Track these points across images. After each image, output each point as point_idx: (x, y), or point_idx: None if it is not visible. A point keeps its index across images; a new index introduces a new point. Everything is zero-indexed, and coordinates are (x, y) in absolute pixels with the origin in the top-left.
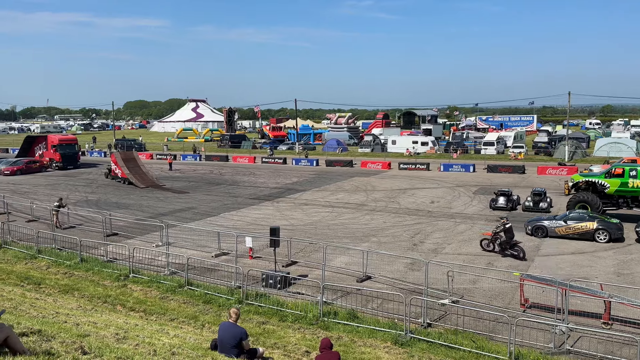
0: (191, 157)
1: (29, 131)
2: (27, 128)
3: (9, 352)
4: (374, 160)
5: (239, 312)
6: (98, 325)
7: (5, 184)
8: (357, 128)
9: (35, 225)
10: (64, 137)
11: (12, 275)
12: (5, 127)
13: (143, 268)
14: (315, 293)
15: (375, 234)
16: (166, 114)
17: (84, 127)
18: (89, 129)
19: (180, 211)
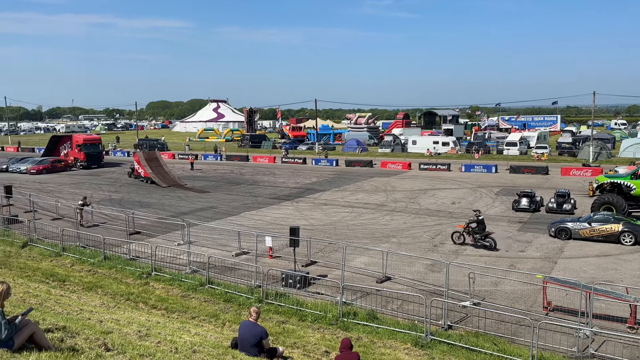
0: (212, 157)
1: (54, 131)
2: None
3: (35, 348)
4: (394, 160)
5: (259, 311)
6: (121, 322)
7: (32, 183)
8: (377, 128)
9: (60, 224)
10: (89, 137)
11: (37, 272)
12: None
13: (165, 266)
14: (335, 293)
15: (395, 234)
16: (188, 114)
17: (108, 127)
18: (112, 129)
19: (202, 210)
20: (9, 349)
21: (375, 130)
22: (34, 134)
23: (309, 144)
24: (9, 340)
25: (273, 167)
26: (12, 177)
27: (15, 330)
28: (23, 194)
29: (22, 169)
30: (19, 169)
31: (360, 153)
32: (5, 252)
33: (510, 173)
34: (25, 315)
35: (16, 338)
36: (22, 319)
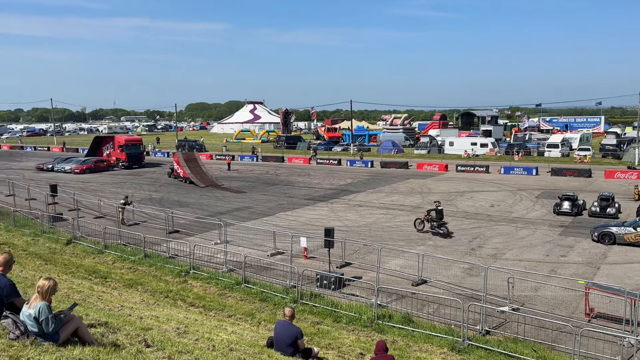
0: (248, 158)
1: (97, 132)
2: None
3: (79, 342)
4: (430, 162)
5: (294, 312)
6: (160, 319)
7: (75, 182)
8: (413, 129)
9: (103, 222)
10: (130, 138)
11: (80, 269)
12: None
13: (202, 265)
14: (370, 295)
15: (431, 237)
16: (225, 116)
17: (148, 128)
18: (153, 130)
19: (238, 210)
20: (55, 342)
21: (411, 132)
22: (78, 134)
23: (344, 145)
24: (55, 334)
25: (308, 168)
26: (57, 176)
27: (60, 325)
28: (67, 192)
29: (67, 168)
30: (63, 169)
31: (395, 154)
32: (50, 249)
33: (552, 176)
34: (71, 311)
35: (61, 332)
36: (67, 314)
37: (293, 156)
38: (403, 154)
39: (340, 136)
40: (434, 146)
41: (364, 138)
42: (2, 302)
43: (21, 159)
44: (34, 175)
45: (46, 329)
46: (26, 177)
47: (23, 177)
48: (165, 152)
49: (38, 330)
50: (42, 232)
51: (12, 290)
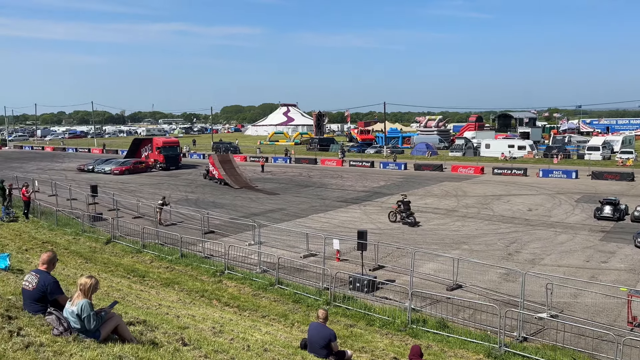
0: (282, 160)
1: (136, 134)
2: (135, 131)
3: (119, 340)
4: (465, 164)
5: (327, 314)
6: (196, 318)
7: (115, 183)
8: (448, 131)
9: (141, 222)
10: (168, 140)
11: (120, 267)
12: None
13: (237, 265)
14: (403, 299)
15: (467, 241)
16: (259, 118)
17: (185, 131)
18: (189, 132)
19: (271, 212)
20: (96, 339)
21: (446, 134)
22: (118, 136)
23: (377, 147)
24: (96, 331)
25: (341, 170)
26: (98, 177)
27: (101, 322)
28: (107, 193)
29: (107, 169)
30: (103, 170)
31: (429, 157)
32: (91, 248)
33: (592, 179)
34: (111, 308)
35: (102, 329)
36: (108, 311)
37: (326, 158)
38: (437, 156)
39: (373, 138)
40: (470, 148)
41: (397, 140)
42: (46, 299)
43: (63, 160)
44: (75, 176)
45: (88, 326)
46: (68, 177)
47: (65, 178)
48: (201, 154)
49: (80, 327)
50: (83, 232)
51: (55, 287)
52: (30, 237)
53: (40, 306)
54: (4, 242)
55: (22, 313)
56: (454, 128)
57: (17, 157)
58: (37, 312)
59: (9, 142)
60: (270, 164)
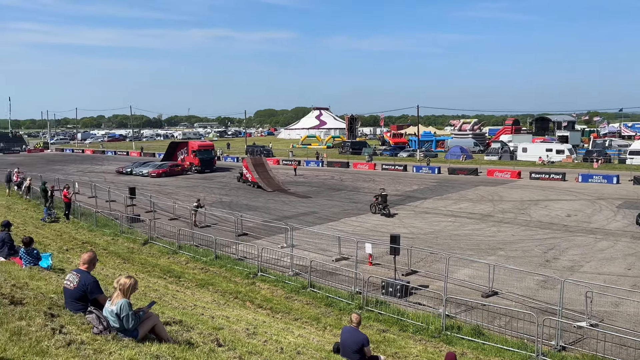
0: (314, 163)
1: (172, 138)
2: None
3: (156, 339)
4: (501, 168)
5: (360, 318)
6: (230, 319)
7: (152, 185)
8: (483, 135)
9: (177, 223)
10: (203, 143)
11: (156, 268)
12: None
13: (269, 267)
14: (437, 305)
15: (503, 247)
16: (292, 122)
17: (220, 134)
18: (223, 136)
19: (304, 215)
20: (134, 338)
21: (481, 137)
22: (155, 140)
23: (410, 150)
24: (134, 330)
25: (373, 174)
26: (135, 179)
27: (140, 322)
28: (145, 195)
29: (144, 172)
30: (141, 172)
31: (464, 160)
32: (129, 249)
33: (634, 184)
34: (149, 308)
35: (140, 329)
36: (146, 311)
37: (358, 162)
38: (472, 160)
39: (406, 142)
40: (506, 152)
41: (430, 144)
42: (86, 298)
43: (103, 163)
44: (114, 178)
45: (126, 325)
46: (107, 180)
47: (104, 180)
48: (235, 157)
49: (119, 326)
50: (121, 232)
51: (95, 287)
52: (71, 238)
53: (81, 305)
54: (46, 242)
55: (63, 311)
56: (489, 131)
57: (59, 160)
58: (78, 311)
59: (51, 145)
60: (302, 168)
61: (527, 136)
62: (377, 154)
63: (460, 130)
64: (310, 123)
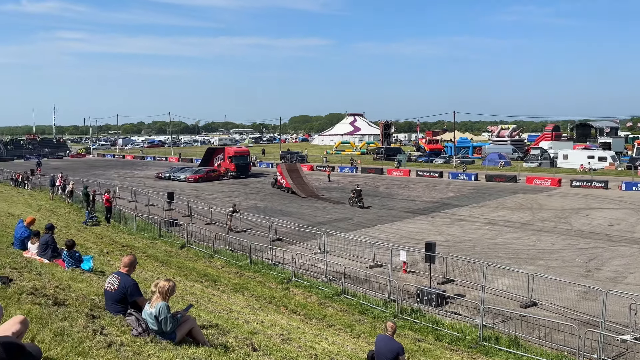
0: (348, 169)
1: (209, 143)
2: (208, 141)
3: (193, 342)
4: (541, 175)
5: (395, 327)
6: (265, 324)
7: (190, 190)
8: (522, 141)
9: (213, 228)
10: (239, 149)
11: (193, 271)
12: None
13: (303, 273)
14: (473, 315)
15: (542, 256)
16: (326, 128)
17: (255, 140)
18: (258, 142)
19: (337, 221)
20: (172, 341)
21: (520, 143)
22: (192, 146)
23: (446, 157)
24: (172, 333)
25: (408, 181)
26: (174, 184)
27: (177, 325)
28: (182, 200)
29: (182, 177)
30: (179, 178)
31: (502, 167)
32: (167, 252)
33: None
34: (186, 312)
35: (178, 332)
36: (184, 314)
37: (392, 168)
38: (511, 167)
39: (442, 148)
40: (546, 159)
41: (467, 150)
42: (126, 300)
43: (142, 168)
44: (153, 183)
45: (165, 328)
46: (146, 184)
47: (144, 185)
48: (270, 163)
49: (157, 329)
50: (160, 236)
51: (135, 289)
52: (111, 241)
53: (120, 307)
54: (87, 245)
55: (104, 313)
56: (528, 138)
57: (100, 165)
58: (118, 313)
59: (93, 151)
60: (336, 174)
61: (568, 143)
62: (411, 160)
63: (498, 136)
64: (344, 129)
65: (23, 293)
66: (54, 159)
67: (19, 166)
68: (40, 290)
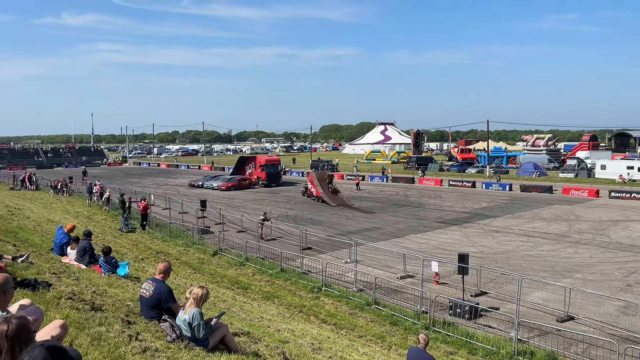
0: (378, 179)
1: (241, 152)
2: (240, 149)
3: (225, 350)
4: (578, 186)
5: (427, 339)
6: (295, 333)
7: (222, 198)
8: (558, 151)
9: (244, 236)
10: (270, 158)
11: (225, 279)
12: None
13: (333, 282)
14: (508, 328)
15: (580, 269)
16: (357, 137)
17: (286, 149)
18: (289, 151)
19: (367, 230)
20: (205, 347)
21: (556, 153)
22: (225, 154)
23: (479, 166)
24: (205, 340)
25: (439, 190)
26: (206, 192)
27: (210, 331)
28: (215, 207)
29: (214, 185)
30: (211, 186)
31: (537, 177)
32: (199, 259)
33: None
34: (219, 319)
35: (211, 339)
36: (216, 321)
37: (424, 177)
38: (546, 177)
39: (474, 157)
40: (583, 169)
41: (501, 160)
42: (161, 306)
43: (176, 176)
44: (187, 191)
45: (198, 334)
46: (180, 192)
47: (178, 193)
48: (300, 172)
49: (191, 335)
50: (193, 243)
51: (169, 295)
52: (146, 247)
53: (155, 313)
54: (122, 252)
55: (139, 319)
56: (564, 147)
57: (136, 173)
58: (153, 319)
59: (129, 159)
60: (366, 183)
61: (606, 153)
62: (443, 169)
63: (533, 145)
64: (375, 138)
65: (62, 298)
66: (92, 167)
67: (59, 174)
68: (78, 296)
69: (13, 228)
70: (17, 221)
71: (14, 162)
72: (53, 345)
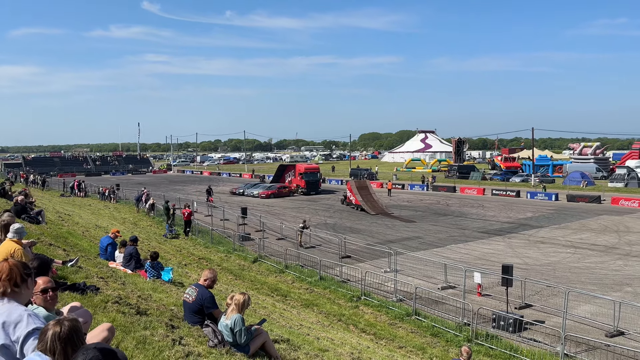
0: (418, 187)
1: (281, 160)
2: (280, 158)
3: (265, 356)
4: (628, 196)
5: (470, 352)
6: (335, 342)
7: (262, 206)
8: (607, 159)
9: (284, 243)
10: (309, 166)
11: (264, 286)
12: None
13: (373, 292)
14: (554, 343)
15: (630, 282)
16: (396, 145)
17: (325, 157)
18: (328, 159)
19: (407, 239)
20: (246, 353)
21: (605, 162)
22: (265, 162)
23: (524, 175)
24: (246, 346)
25: (482, 199)
26: (247, 200)
27: (251, 337)
28: (255, 215)
29: (255, 193)
30: (252, 193)
31: (585, 187)
32: (240, 266)
33: None
34: (260, 325)
35: (252, 345)
36: (257, 328)
37: (465, 186)
38: (594, 186)
39: (519, 166)
40: (633, 179)
41: (547, 168)
42: (203, 312)
43: (218, 184)
44: (228, 198)
45: (239, 340)
46: (222, 200)
47: (219, 200)
48: (339, 180)
49: (232, 341)
50: (234, 250)
51: (211, 301)
52: (189, 253)
53: (198, 318)
54: (167, 257)
55: (182, 323)
56: (613, 156)
57: (180, 180)
58: (196, 324)
59: (173, 167)
60: (406, 191)
61: None
62: (486, 178)
63: (580, 154)
64: (415, 146)
65: (109, 302)
66: (138, 175)
67: (106, 181)
68: (124, 300)
69: (63, 233)
70: (66, 227)
71: (64, 169)
72: (104, 347)
